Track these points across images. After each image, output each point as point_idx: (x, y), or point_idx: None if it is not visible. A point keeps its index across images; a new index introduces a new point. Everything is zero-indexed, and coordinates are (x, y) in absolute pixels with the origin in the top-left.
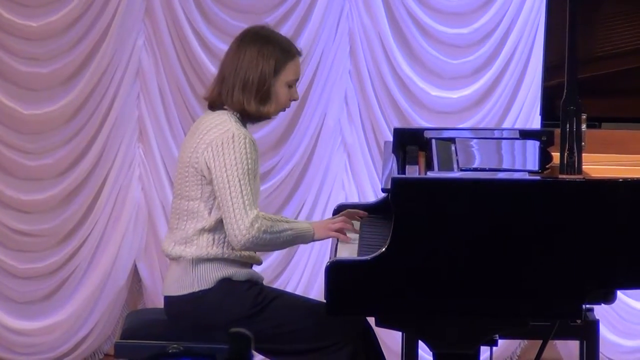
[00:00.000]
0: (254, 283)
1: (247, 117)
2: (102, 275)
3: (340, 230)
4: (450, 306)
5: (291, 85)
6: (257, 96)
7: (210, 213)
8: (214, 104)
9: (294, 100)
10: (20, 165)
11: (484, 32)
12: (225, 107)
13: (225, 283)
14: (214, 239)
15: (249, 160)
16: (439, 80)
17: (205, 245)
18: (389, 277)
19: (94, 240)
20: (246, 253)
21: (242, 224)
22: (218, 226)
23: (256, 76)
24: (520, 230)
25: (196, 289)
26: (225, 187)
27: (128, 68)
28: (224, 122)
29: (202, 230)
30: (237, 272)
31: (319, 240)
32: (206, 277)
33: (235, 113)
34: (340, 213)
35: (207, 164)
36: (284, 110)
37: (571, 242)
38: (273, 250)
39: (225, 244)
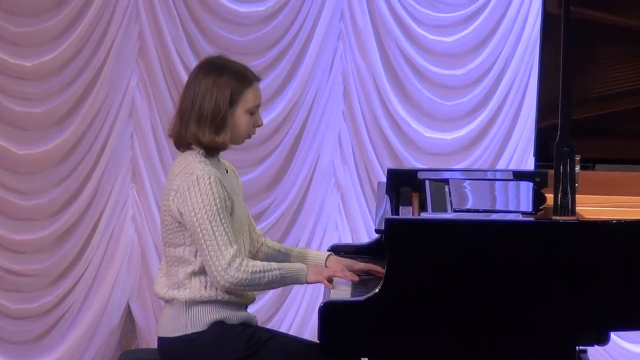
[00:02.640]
0: (247, 325)
1: (207, 150)
2: (96, 316)
3: (330, 280)
4: (443, 347)
5: (252, 112)
6: (211, 126)
7: (196, 256)
8: (178, 142)
9: (258, 126)
10: (13, 205)
11: (478, 73)
12: (191, 145)
13: (218, 326)
14: (205, 282)
15: (217, 200)
16: (432, 122)
17: (197, 289)
18: (382, 318)
19: (87, 280)
20: (240, 293)
21: (219, 265)
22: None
23: (210, 107)
24: (514, 271)
25: (189, 331)
26: (197, 231)
27: (121, 108)
28: (189, 164)
29: (193, 274)
30: (231, 315)
31: (310, 283)
32: (199, 320)
33: (199, 151)
34: (363, 265)
35: (179, 210)
36: (249, 137)
37: (565, 283)
38: (260, 289)
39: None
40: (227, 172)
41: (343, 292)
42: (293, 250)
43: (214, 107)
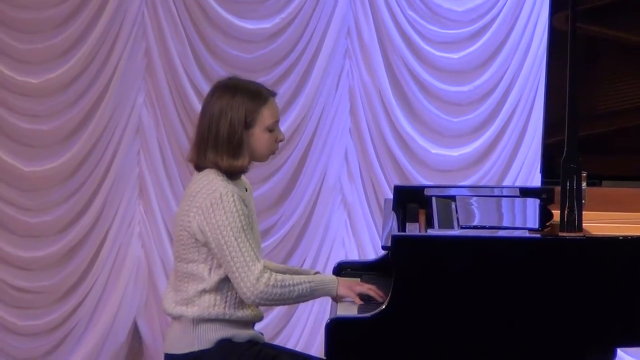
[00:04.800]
0: (254, 343)
1: (227, 174)
2: (102, 332)
3: (361, 295)
4: None
5: (272, 129)
6: (228, 151)
7: (210, 274)
8: (198, 166)
9: (280, 141)
10: (20, 222)
11: (485, 90)
12: (209, 166)
13: (225, 344)
14: (215, 300)
15: (241, 217)
16: (439, 138)
17: (206, 306)
18: (389, 334)
19: (94, 297)
20: (248, 312)
21: (248, 281)
22: (219, 286)
23: (225, 129)
24: (520, 288)
25: (196, 348)
26: (223, 249)
27: (128, 125)
28: (211, 182)
29: (203, 292)
30: (238, 334)
31: (341, 296)
32: (206, 337)
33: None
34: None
35: (199, 228)
36: (273, 153)
37: (571, 299)
38: (289, 303)
39: (227, 304)
40: (246, 190)
41: (350, 308)
42: (300, 270)
43: (229, 129)
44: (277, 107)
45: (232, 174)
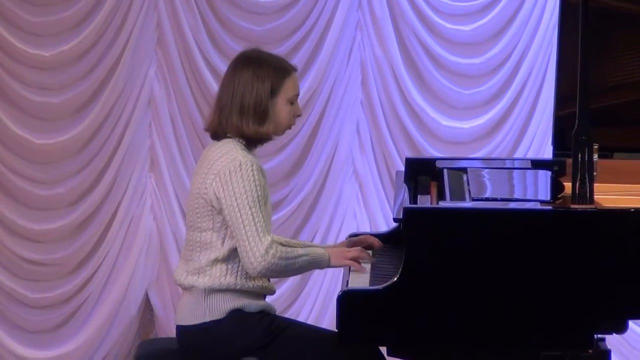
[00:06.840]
0: (266, 314)
1: (249, 141)
2: (114, 305)
3: (356, 260)
4: (462, 336)
5: (292, 101)
6: (254, 118)
7: (223, 243)
8: (216, 134)
9: (298, 116)
10: (32, 194)
11: (496, 62)
12: (228, 135)
13: (236, 314)
14: (227, 269)
15: (258, 187)
16: (450, 110)
17: (218, 275)
18: (400, 306)
19: (106, 269)
20: (259, 283)
21: (257, 251)
22: (231, 256)
23: (252, 99)
24: (532, 260)
25: (207, 319)
26: (237, 216)
27: (140, 97)
28: (230, 150)
29: (216, 261)
30: (249, 304)
31: (334, 267)
32: (218, 308)
33: (240, 140)
34: (357, 238)
35: (216, 194)
36: (290, 128)
37: (583, 271)
38: (289, 275)
39: (238, 273)
40: None
41: (361, 280)
42: (302, 243)
43: (255, 99)
44: (298, 82)
45: (255, 142)
